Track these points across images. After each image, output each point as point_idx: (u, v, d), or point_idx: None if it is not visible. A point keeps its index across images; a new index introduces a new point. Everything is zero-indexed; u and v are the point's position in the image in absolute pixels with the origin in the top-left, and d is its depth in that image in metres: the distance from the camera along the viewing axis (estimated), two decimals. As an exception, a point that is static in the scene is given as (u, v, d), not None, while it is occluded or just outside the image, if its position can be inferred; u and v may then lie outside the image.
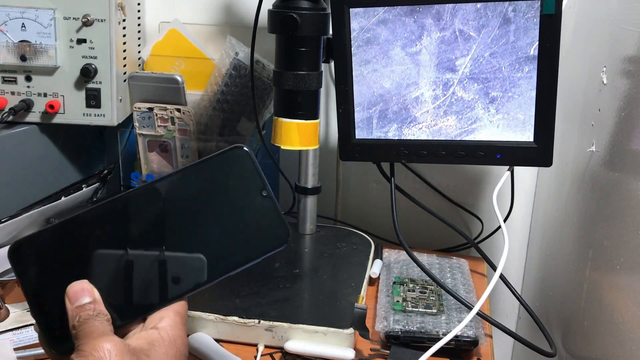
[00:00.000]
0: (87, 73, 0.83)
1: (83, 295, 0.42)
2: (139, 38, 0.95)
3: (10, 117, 0.83)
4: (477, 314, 0.64)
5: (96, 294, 0.42)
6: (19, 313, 0.70)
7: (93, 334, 0.40)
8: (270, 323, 0.66)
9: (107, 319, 0.42)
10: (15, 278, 0.62)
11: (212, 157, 0.43)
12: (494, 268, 0.68)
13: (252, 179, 0.42)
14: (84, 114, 0.86)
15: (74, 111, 0.85)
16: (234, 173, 0.43)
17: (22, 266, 0.42)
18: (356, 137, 0.71)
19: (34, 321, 0.43)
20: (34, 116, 0.86)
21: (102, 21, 0.82)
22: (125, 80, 0.89)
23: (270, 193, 0.43)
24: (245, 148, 0.43)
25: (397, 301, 0.71)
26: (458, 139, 0.68)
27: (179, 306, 0.44)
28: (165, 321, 0.43)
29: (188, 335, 0.66)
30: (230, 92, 0.92)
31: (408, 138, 0.70)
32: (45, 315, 0.42)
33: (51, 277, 0.42)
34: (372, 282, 0.80)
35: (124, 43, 0.88)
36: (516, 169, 0.76)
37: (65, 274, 0.42)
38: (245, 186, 0.43)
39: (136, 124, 0.91)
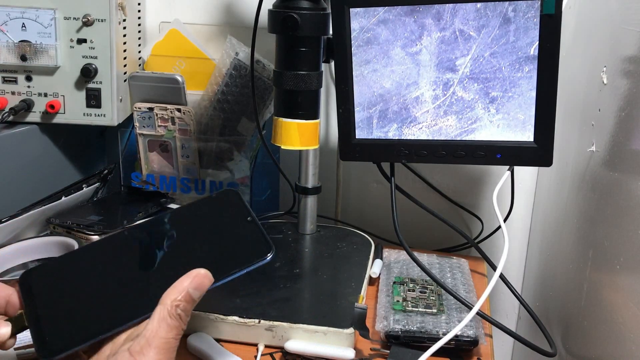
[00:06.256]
0: (88, 73, 0.83)
1: None
2: (140, 38, 0.95)
3: (11, 117, 0.83)
4: (477, 313, 0.64)
5: None
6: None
7: None
8: (271, 323, 0.66)
9: None
10: (13, 279, 0.70)
11: (209, 197, 0.55)
12: (494, 268, 0.68)
13: (240, 210, 0.53)
14: (84, 114, 0.86)
15: (74, 111, 0.86)
16: (226, 206, 0.53)
17: (27, 289, 0.49)
18: (356, 137, 0.71)
19: None
20: (34, 116, 0.86)
21: (102, 21, 0.82)
22: (125, 80, 0.89)
23: (254, 218, 0.52)
24: (236, 190, 0.55)
25: (397, 301, 0.71)
26: (458, 139, 0.68)
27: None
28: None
29: (188, 335, 0.67)
30: (231, 92, 0.92)
31: (408, 138, 0.70)
32: (38, 325, 0.47)
33: (50, 300, 0.49)
34: (372, 282, 0.80)
35: (124, 43, 0.88)
36: (516, 169, 0.76)
37: (66, 295, 0.49)
38: (234, 214, 0.53)
39: (136, 124, 0.91)
